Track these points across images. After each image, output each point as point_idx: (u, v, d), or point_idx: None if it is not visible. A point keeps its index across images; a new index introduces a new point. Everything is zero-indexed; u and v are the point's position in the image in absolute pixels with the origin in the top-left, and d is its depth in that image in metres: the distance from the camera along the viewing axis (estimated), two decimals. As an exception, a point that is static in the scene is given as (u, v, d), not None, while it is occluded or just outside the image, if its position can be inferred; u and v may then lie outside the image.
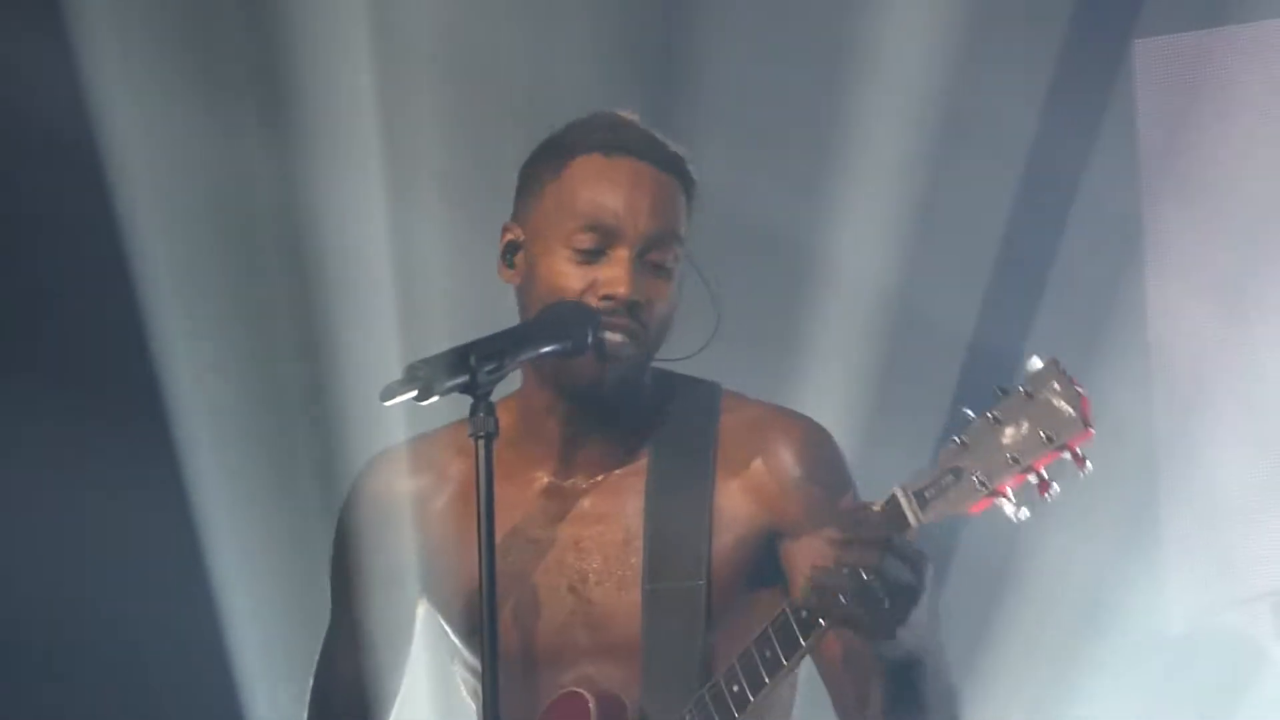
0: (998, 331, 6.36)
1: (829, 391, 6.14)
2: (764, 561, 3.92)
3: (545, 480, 3.97)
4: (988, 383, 5.83)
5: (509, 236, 3.88)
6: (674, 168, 3.92)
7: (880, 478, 3.72)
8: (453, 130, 6.40)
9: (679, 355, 3.96)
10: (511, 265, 3.87)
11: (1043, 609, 5.95)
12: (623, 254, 3.81)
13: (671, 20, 6.56)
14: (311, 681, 4.15)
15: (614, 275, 3.81)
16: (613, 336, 3.77)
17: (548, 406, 3.93)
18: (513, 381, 3.85)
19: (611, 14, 6.46)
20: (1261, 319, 6.46)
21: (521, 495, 3.95)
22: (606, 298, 3.78)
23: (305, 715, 4.15)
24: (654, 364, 3.98)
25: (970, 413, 3.54)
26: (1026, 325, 6.30)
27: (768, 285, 5.82)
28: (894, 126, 6.33)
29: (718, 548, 3.89)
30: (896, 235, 6.36)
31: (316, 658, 4.15)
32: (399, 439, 4.10)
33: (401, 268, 6.42)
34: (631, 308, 3.79)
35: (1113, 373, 6.24)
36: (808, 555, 3.74)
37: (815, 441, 3.96)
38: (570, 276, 3.79)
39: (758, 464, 3.94)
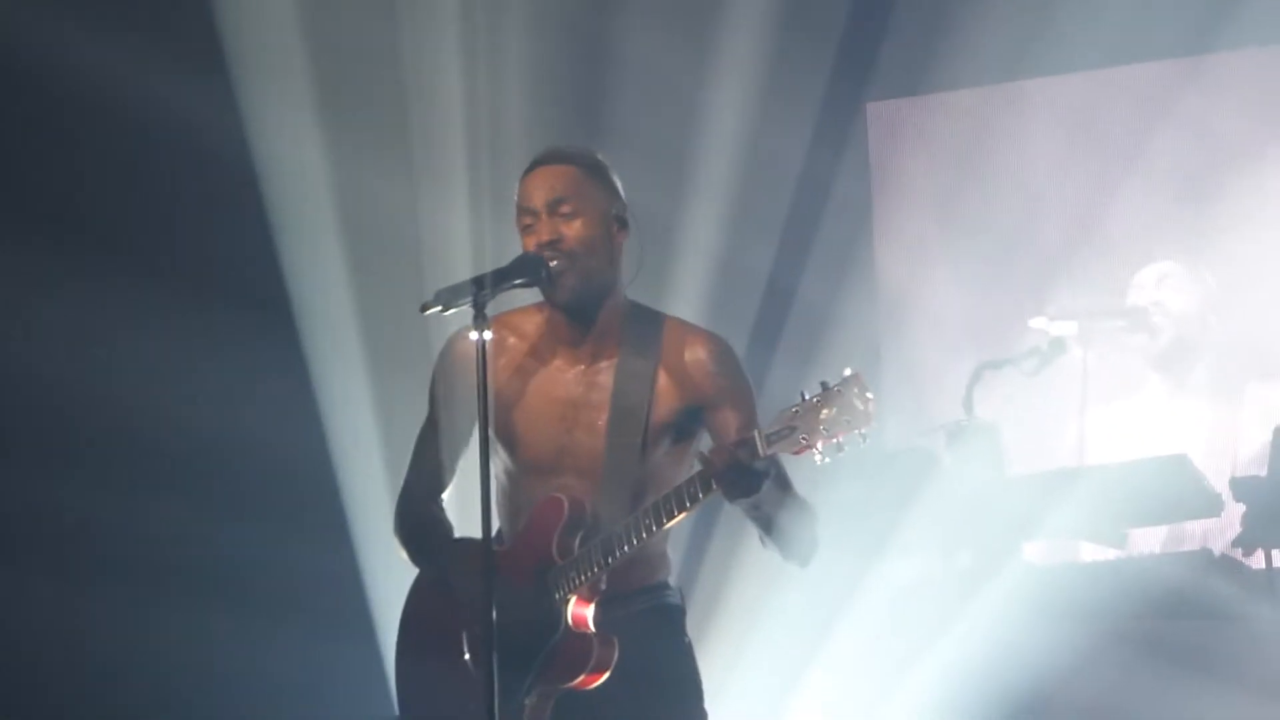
0: (782, 276, 8.04)
1: (689, 312, 6.81)
2: (684, 426, 4.84)
3: (556, 363, 4.91)
4: (777, 308, 7.25)
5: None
6: (567, 160, 4.86)
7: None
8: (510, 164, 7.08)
9: (625, 283, 4.90)
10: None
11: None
12: (542, 218, 4.82)
13: (594, 80, 8.01)
14: (410, 456, 5.03)
15: (539, 233, 4.82)
16: (549, 260, 4.76)
17: (557, 318, 4.89)
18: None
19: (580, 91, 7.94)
20: (952, 261, 8.03)
21: (545, 369, 4.89)
22: (539, 245, 4.81)
23: (403, 480, 5.02)
24: (629, 297, 4.89)
25: (805, 394, 4.47)
26: (799, 270, 8.01)
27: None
28: (723, 153, 7.95)
29: (653, 416, 4.80)
30: (723, 216, 7.97)
31: (413, 445, 5.01)
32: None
33: (448, 241, 7.66)
34: (551, 244, 4.79)
35: (853, 287, 8.05)
36: (721, 419, 4.80)
37: (723, 349, 4.90)
38: (526, 244, 4.85)
39: (686, 362, 4.86)
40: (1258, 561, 6.69)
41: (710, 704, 4.93)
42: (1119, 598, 6.56)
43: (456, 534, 4.98)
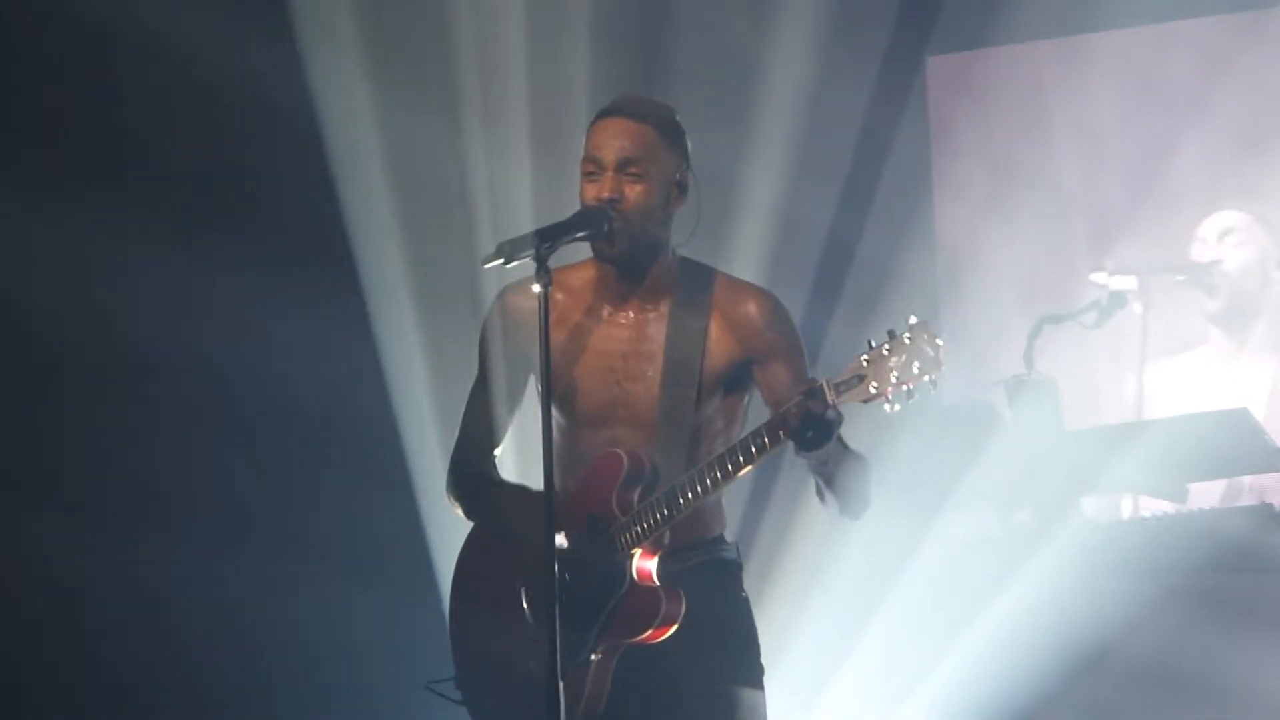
0: (842, 231, 8.12)
1: (749, 266, 7.57)
2: (736, 380, 4.86)
3: (606, 316, 4.93)
4: (836, 262, 7.40)
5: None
6: (646, 118, 4.83)
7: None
8: (568, 117, 7.52)
9: (681, 241, 4.92)
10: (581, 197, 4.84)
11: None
12: (608, 173, 4.80)
13: (655, 33, 8.05)
14: (462, 414, 5.04)
15: (601, 186, 4.81)
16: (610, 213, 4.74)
17: (606, 272, 4.90)
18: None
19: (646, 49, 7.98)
20: (1011, 216, 8.10)
21: (595, 323, 4.92)
22: (598, 199, 4.78)
23: (457, 436, 5.03)
24: (679, 252, 4.91)
25: (872, 342, 4.46)
26: (859, 224, 8.09)
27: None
28: (783, 107, 7.97)
29: (706, 367, 4.82)
30: (783, 170, 7.97)
31: (465, 402, 5.02)
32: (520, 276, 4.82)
33: (505, 196, 7.76)
34: (611, 202, 4.77)
35: (913, 241, 8.13)
36: (772, 374, 4.82)
37: (773, 304, 4.90)
38: (586, 191, 4.83)
39: (737, 316, 4.87)
40: (1319, 516, 6.62)
41: (769, 660, 4.91)
42: (1178, 552, 6.57)
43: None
